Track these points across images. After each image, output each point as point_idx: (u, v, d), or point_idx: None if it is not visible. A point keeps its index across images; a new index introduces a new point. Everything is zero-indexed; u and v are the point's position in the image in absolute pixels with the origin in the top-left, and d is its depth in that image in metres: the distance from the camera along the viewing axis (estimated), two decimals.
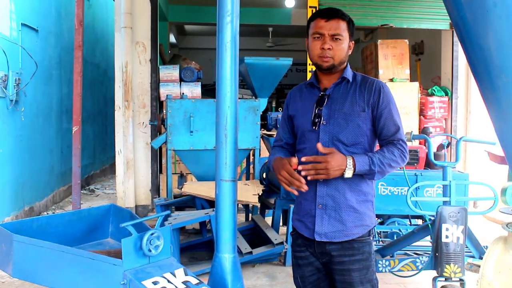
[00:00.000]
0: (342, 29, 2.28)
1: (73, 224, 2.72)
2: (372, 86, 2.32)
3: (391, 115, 2.30)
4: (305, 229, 2.37)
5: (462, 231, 3.24)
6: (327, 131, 2.31)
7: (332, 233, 2.29)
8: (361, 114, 2.29)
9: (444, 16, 7.51)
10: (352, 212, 2.30)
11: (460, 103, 7.71)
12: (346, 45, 2.31)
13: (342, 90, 2.34)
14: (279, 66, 5.59)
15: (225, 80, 2.32)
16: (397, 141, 2.27)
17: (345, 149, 2.28)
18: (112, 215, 2.86)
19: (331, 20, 2.27)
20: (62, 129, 8.21)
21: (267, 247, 4.81)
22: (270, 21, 11.53)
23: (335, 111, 2.31)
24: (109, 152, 11.35)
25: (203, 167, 5.66)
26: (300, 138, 2.42)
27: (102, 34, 10.86)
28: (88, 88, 9.71)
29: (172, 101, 5.49)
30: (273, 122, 6.16)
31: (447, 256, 3.22)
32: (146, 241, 2.17)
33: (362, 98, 2.31)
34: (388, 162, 2.22)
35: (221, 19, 2.31)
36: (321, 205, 2.30)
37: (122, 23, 6.79)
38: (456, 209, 3.24)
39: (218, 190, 2.36)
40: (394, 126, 2.29)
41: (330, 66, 2.29)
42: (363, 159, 2.19)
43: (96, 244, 2.80)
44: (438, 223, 3.26)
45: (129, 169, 6.89)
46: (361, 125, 2.29)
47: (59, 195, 8.11)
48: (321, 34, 2.27)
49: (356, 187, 2.31)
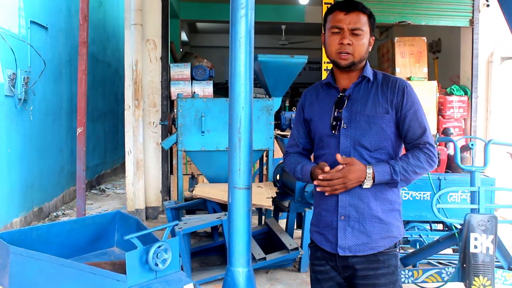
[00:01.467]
0: (362, 23, 2.10)
1: (76, 232, 2.56)
2: (395, 86, 2.13)
3: (417, 116, 2.12)
4: (326, 243, 2.18)
5: (492, 241, 3.02)
6: (348, 135, 2.12)
7: (356, 246, 2.11)
8: (384, 116, 2.11)
9: (463, 13, 7.28)
10: (378, 223, 2.11)
11: (480, 102, 7.45)
12: (366, 41, 2.13)
13: (363, 90, 2.16)
14: (293, 64, 5.39)
15: (239, 78, 2.13)
16: (424, 144, 2.10)
17: (368, 154, 2.11)
18: (117, 222, 2.69)
19: (350, 13, 2.09)
20: (72, 129, 8.07)
21: (282, 252, 4.63)
22: (283, 19, 11.35)
23: (356, 113, 2.13)
24: (120, 151, 11.23)
25: (215, 168, 5.49)
26: (318, 144, 2.24)
27: (113, 32, 10.74)
28: (100, 86, 9.59)
29: (183, 100, 5.32)
30: (287, 122, 5.98)
31: (476, 268, 3.01)
32: (152, 255, 2.01)
33: (385, 99, 2.12)
34: (413, 169, 2.05)
35: (235, 13, 2.13)
36: (343, 217, 2.12)
37: (132, 20, 6.63)
38: (485, 217, 3.02)
39: (231, 198, 2.17)
40: (420, 128, 2.11)
41: (349, 64, 2.11)
42: (384, 168, 2.04)
43: (100, 254, 2.63)
44: (466, 232, 3.04)
45: (139, 170, 6.74)
46: (385, 128, 2.11)
47: (69, 195, 7.98)
48: (340, 28, 2.09)
49: (381, 195, 2.12)
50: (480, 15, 7.27)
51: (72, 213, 7.31)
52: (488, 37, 7.36)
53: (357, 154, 2.10)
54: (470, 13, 7.27)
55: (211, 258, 5.16)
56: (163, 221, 6.78)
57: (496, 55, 7.35)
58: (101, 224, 2.66)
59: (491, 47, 7.40)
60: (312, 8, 10.58)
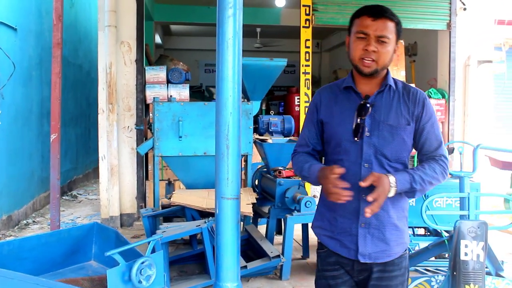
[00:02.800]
0: (389, 31, 2.07)
1: (51, 246, 2.39)
2: (416, 97, 2.16)
3: (433, 129, 2.17)
4: (343, 248, 2.18)
5: (482, 248, 2.95)
6: (371, 143, 2.12)
7: (375, 254, 2.14)
8: (406, 128, 2.13)
9: (441, 16, 7.32)
10: (394, 230, 2.16)
11: (457, 106, 7.48)
12: (391, 49, 2.10)
13: (385, 99, 2.15)
14: (273, 67, 5.30)
15: (226, 82, 2.03)
16: (439, 157, 2.15)
17: (388, 164, 2.13)
18: (95, 234, 2.54)
19: (378, 19, 2.06)
20: (43, 133, 7.82)
21: (263, 260, 4.50)
22: (259, 21, 11.25)
23: (379, 122, 2.12)
24: (92, 156, 10.98)
25: (192, 174, 5.36)
26: (335, 149, 2.19)
27: (85, 33, 10.48)
28: (71, 90, 9.33)
29: (160, 104, 5.17)
30: (264, 126, 5.90)
31: (466, 276, 2.93)
32: (136, 271, 1.86)
33: (406, 110, 2.14)
34: (430, 180, 2.07)
35: (222, 12, 2.02)
36: (364, 224, 2.13)
37: (106, 21, 6.43)
38: (475, 223, 2.96)
39: (219, 209, 2.05)
40: (437, 141, 2.16)
41: (372, 71, 2.09)
42: (404, 177, 2.04)
43: (77, 269, 2.47)
44: (456, 239, 2.97)
45: (113, 176, 6.53)
46: (406, 140, 2.14)
47: (40, 202, 7.72)
48: (366, 34, 2.06)
49: (397, 203, 2.17)
50: (457, 18, 7.31)
51: (43, 220, 7.07)
52: (465, 41, 7.41)
53: (378, 162, 2.11)
54: (448, 17, 7.31)
55: (189, 267, 5.00)
56: (138, 228, 6.60)
57: (473, 59, 7.40)
58: (77, 236, 2.50)
59: (468, 51, 7.46)
60: (288, 10, 10.52)
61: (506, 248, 5.62)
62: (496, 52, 7.62)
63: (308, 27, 7.03)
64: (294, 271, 4.81)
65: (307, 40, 7.06)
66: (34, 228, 6.64)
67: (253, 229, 5.12)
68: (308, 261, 5.27)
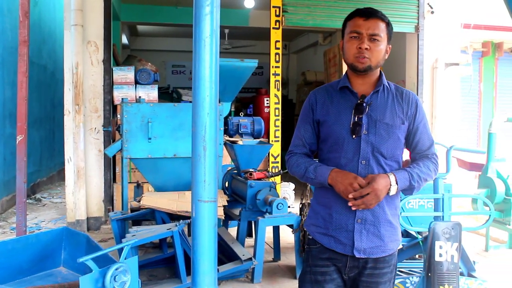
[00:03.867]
0: (381, 30, 2.19)
1: (17, 253, 2.29)
2: (409, 98, 2.28)
3: (426, 129, 2.30)
4: (338, 244, 2.23)
5: (456, 249, 2.98)
6: (369, 141, 2.20)
7: (370, 249, 2.20)
8: (401, 126, 2.24)
9: (409, 19, 7.40)
10: (389, 226, 2.23)
11: (425, 108, 7.56)
12: (384, 47, 2.22)
13: (381, 99, 2.25)
14: (243, 68, 5.25)
15: (203, 81, 1.98)
16: (432, 155, 2.28)
17: (384, 162, 2.21)
18: (65, 240, 2.44)
19: (370, 19, 2.19)
20: (5, 135, 7.59)
21: (235, 263, 4.45)
22: (227, 22, 11.18)
23: (376, 121, 2.21)
24: (57, 158, 10.71)
25: (162, 176, 5.27)
26: (332, 146, 2.26)
27: (49, 33, 10.22)
28: (35, 91, 9.07)
29: (128, 105, 5.06)
30: (234, 127, 5.85)
31: (441, 277, 2.95)
32: (110, 278, 1.78)
33: (400, 110, 2.25)
34: (425, 177, 2.21)
35: (199, 10, 1.96)
36: (360, 220, 2.19)
37: (72, 20, 6.27)
38: (450, 224, 2.98)
39: (196, 212, 1.99)
40: (429, 141, 2.30)
41: (366, 67, 2.18)
42: (404, 175, 2.16)
43: (45, 275, 2.37)
44: (430, 241, 2.99)
45: (80, 179, 6.37)
46: (400, 138, 2.25)
47: (2, 206, 7.48)
48: (359, 33, 2.18)
49: (392, 201, 2.25)
50: (425, 21, 7.41)
51: (5, 225, 6.85)
52: (432, 43, 7.52)
53: (375, 160, 2.19)
54: (416, 20, 7.40)
55: (159, 271, 4.91)
56: (105, 231, 6.45)
57: (441, 61, 7.51)
58: (46, 242, 2.40)
59: (436, 53, 7.56)
60: (257, 12, 10.51)
61: (475, 248, 5.70)
62: (462, 55, 7.76)
63: (278, 28, 7.01)
64: (265, 274, 4.77)
65: (277, 42, 7.04)
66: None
67: (224, 231, 5.06)
68: (280, 263, 5.24)
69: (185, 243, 4.11)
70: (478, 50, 10.04)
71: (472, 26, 8.30)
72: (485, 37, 9.75)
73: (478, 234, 6.13)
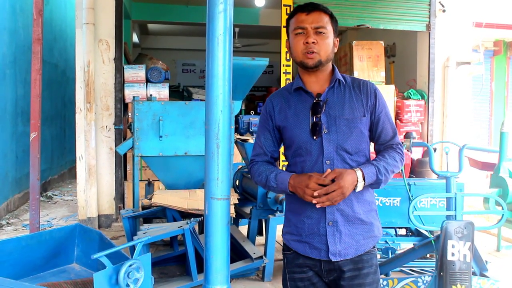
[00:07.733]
0: (325, 22, 2.11)
1: (31, 249, 2.30)
2: (367, 89, 2.18)
3: (388, 118, 2.20)
4: (312, 250, 2.14)
5: (469, 248, 2.95)
6: (331, 140, 2.11)
7: (345, 250, 2.11)
8: (362, 119, 2.14)
9: (420, 18, 7.36)
10: (360, 224, 2.14)
11: (436, 107, 7.53)
12: (331, 40, 2.12)
13: (337, 94, 2.16)
14: (254, 67, 5.25)
15: (216, 79, 1.96)
16: (396, 145, 2.19)
17: (350, 158, 2.12)
18: (77, 236, 2.45)
19: (312, 12, 2.11)
20: (17, 133, 7.64)
21: (245, 261, 4.46)
22: (237, 21, 11.18)
23: (335, 118, 2.12)
24: (68, 156, 10.78)
25: (173, 174, 5.28)
26: (296, 151, 2.17)
27: (60, 32, 10.27)
28: (46, 89, 9.13)
29: (140, 103, 5.08)
30: (245, 125, 5.84)
31: (453, 276, 2.93)
32: (123, 275, 1.79)
33: (360, 102, 2.16)
34: (392, 169, 2.11)
35: (212, 8, 1.96)
36: (331, 222, 2.10)
37: (84, 19, 6.30)
38: (462, 224, 2.95)
39: (209, 209, 1.98)
40: (392, 130, 2.20)
41: (316, 63, 2.10)
42: (370, 169, 2.06)
43: (59, 272, 2.38)
44: (443, 240, 2.96)
45: (91, 176, 6.41)
46: (363, 131, 2.15)
47: (14, 203, 7.53)
48: (303, 28, 2.10)
49: (362, 197, 2.15)
50: (437, 20, 7.36)
51: (18, 222, 6.90)
52: (444, 42, 7.47)
53: (340, 158, 2.10)
54: (427, 18, 7.35)
55: (170, 268, 4.93)
56: (116, 229, 6.48)
57: (452, 60, 7.46)
58: (59, 239, 2.41)
59: (447, 52, 7.51)
60: (267, 11, 10.50)
61: (487, 248, 5.67)
62: (474, 53, 7.70)
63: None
64: (276, 272, 4.77)
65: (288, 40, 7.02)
66: (8, 230, 6.47)
67: (234, 230, 5.06)
68: None
69: (196, 241, 4.12)
70: (489, 49, 9.98)
71: (484, 25, 8.24)
72: (497, 36, 9.69)
73: (490, 233, 6.10)
